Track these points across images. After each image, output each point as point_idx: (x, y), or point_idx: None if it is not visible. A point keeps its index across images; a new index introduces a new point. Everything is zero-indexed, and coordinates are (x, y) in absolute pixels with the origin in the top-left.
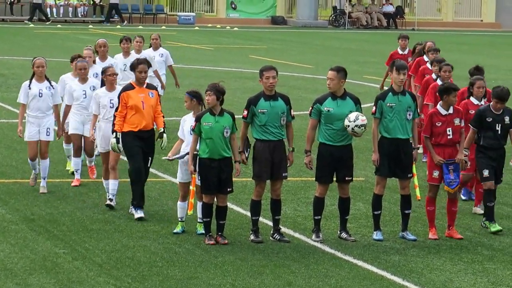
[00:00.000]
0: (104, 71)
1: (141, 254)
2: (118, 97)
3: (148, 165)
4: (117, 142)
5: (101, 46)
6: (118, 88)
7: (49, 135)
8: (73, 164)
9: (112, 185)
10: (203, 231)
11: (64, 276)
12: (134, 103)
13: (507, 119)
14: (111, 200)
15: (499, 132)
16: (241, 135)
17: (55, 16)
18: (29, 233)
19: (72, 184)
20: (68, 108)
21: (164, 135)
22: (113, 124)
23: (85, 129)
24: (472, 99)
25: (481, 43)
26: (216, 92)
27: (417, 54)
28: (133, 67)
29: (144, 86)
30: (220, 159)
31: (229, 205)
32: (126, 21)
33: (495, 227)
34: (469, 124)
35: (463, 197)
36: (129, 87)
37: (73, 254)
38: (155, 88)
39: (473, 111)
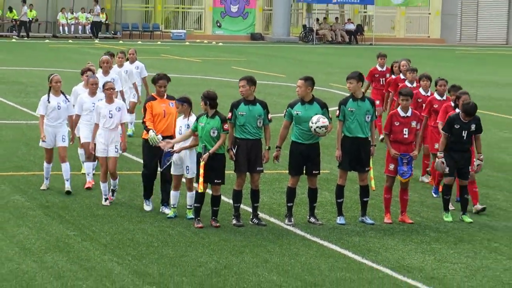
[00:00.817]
0: (103, 86)
1: (139, 236)
2: (144, 108)
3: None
4: (156, 134)
5: (105, 62)
6: (117, 100)
7: (64, 141)
8: (85, 168)
9: (113, 182)
10: (193, 216)
11: (75, 255)
12: (157, 112)
13: (473, 126)
14: (113, 191)
15: (465, 138)
16: (229, 135)
17: (67, 33)
18: (45, 218)
19: (85, 186)
20: (77, 117)
21: None
22: (145, 127)
23: None
24: (458, 110)
25: (427, 56)
26: (203, 98)
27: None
28: (154, 81)
29: (165, 97)
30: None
31: None
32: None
33: (448, 217)
34: (441, 130)
35: (435, 195)
36: (151, 99)
37: (82, 236)
38: (175, 99)
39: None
